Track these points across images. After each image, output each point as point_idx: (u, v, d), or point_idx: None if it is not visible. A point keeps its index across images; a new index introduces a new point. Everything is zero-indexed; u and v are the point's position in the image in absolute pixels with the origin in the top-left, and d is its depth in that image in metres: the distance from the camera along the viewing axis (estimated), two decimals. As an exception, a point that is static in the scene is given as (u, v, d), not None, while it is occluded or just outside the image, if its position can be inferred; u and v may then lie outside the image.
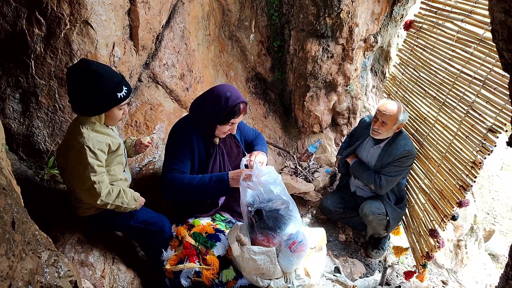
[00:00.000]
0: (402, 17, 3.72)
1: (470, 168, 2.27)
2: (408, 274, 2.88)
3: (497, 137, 2.14)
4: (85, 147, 1.65)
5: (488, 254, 5.21)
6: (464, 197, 2.33)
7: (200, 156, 2.08)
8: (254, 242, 1.87)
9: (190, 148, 2.03)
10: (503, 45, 0.96)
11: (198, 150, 2.06)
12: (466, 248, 4.03)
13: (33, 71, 2.07)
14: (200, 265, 1.87)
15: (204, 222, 2.09)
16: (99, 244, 1.98)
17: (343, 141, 3.67)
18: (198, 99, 2.07)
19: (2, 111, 2.07)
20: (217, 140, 2.11)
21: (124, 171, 1.97)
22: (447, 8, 2.64)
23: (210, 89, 2.04)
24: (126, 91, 1.72)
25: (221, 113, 1.94)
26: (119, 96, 1.68)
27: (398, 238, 3.55)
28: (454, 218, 2.47)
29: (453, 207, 2.39)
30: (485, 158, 2.20)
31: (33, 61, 2.06)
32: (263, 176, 1.89)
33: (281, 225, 1.85)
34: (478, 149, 2.23)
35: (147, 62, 2.72)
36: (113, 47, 2.27)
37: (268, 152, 2.62)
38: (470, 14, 2.39)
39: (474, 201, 4.29)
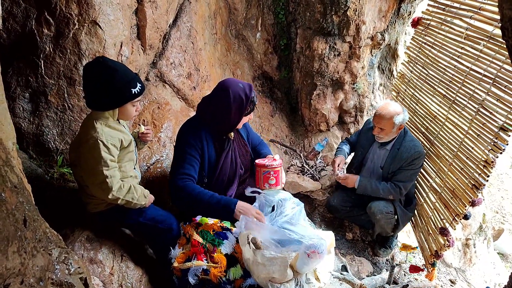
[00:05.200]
0: (410, 14, 3.68)
1: (482, 167, 2.25)
2: (413, 269, 2.83)
3: (509, 136, 2.11)
4: (99, 141, 1.67)
5: (497, 253, 5.17)
6: (477, 196, 2.31)
7: (209, 155, 2.11)
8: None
9: (199, 148, 2.07)
10: (513, 42, 0.95)
11: (208, 149, 2.09)
12: (474, 247, 4.00)
13: (43, 71, 2.10)
14: (208, 263, 1.87)
15: (211, 220, 2.09)
16: (108, 241, 2.00)
17: (341, 141, 3.55)
18: (212, 100, 2.09)
19: (12, 111, 2.10)
20: (232, 134, 2.17)
21: (134, 168, 1.99)
22: (455, 4, 2.61)
23: (221, 88, 2.06)
24: (140, 88, 1.76)
25: (246, 104, 2.03)
26: (133, 92, 1.73)
27: (405, 235, 3.53)
28: (466, 217, 2.45)
29: (465, 206, 2.37)
30: (497, 157, 2.17)
31: (42, 61, 2.08)
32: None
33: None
34: (490, 147, 2.20)
35: (154, 61, 2.74)
36: (121, 46, 2.29)
37: (273, 151, 2.65)
38: (479, 11, 2.36)
39: (483, 199, 4.25)
